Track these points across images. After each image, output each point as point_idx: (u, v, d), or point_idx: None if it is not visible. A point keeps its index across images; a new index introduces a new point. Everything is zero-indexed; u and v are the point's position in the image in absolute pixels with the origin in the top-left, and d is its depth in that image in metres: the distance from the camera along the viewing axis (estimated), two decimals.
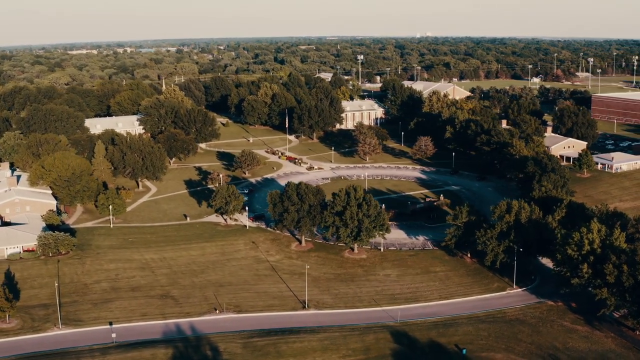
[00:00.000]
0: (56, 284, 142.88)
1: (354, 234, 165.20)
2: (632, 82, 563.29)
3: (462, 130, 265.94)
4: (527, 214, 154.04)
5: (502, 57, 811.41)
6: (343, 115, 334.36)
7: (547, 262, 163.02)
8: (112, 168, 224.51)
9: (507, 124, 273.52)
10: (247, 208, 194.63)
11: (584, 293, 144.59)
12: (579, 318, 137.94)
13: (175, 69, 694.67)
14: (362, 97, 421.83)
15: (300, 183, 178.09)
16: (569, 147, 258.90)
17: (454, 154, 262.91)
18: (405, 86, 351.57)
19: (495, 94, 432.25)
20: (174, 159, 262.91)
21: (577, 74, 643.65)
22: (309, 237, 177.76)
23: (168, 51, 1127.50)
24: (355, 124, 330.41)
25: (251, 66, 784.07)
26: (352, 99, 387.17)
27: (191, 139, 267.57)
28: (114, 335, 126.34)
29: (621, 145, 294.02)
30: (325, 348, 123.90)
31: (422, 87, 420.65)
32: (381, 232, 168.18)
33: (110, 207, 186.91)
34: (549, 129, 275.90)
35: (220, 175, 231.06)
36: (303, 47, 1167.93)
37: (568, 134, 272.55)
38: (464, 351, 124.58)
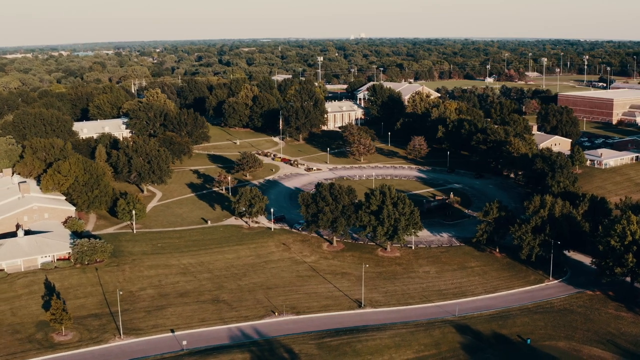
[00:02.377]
0: (120, 292, 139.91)
1: (390, 232, 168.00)
2: (583, 81, 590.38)
3: (454, 130, 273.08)
4: (560, 209, 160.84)
5: (451, 59, 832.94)
6: (327, 116, 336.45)
7: (572, 254, 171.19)
8: (113, 172, 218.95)
9: (491, 123, 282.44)
10: (272, 210, 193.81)
11: (618, 282, 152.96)
12: (620, 305, 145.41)
13: (127, 72, 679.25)
14: (330, 99, 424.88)
15: (333, 183, 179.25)
16: (555, 144, 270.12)
17: (448, 153, 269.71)
18: (385, 87, 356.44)
19: (461, 94, 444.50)
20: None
21: (526, 73, 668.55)
22: (344, 238, 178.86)
23: (107, 54, 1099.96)
24: (342, 125, 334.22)
25: (201, 69, 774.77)
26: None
27: (187, 141, 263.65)
28: (184, 342, 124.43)
29: (596, 142, 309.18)
30: (398, 345, 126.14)
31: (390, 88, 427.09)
32: (414, 230, 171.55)
33: (133, 212, 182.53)
34: (535, 127, 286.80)
35: (229, 178, 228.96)
36: (246, 50, 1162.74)
37: (552, 132, 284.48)
38: (529, 341, 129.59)
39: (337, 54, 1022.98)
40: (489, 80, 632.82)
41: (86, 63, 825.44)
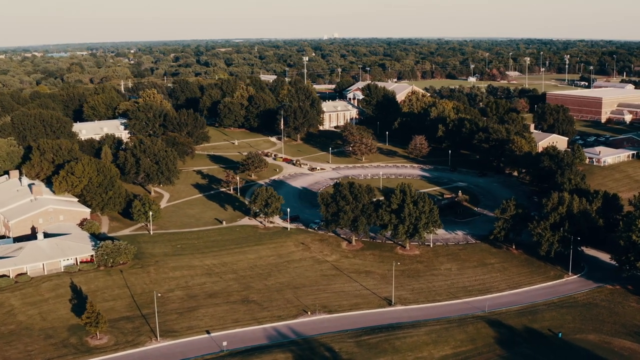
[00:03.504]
0: (158, 294, 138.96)
1: (411, 231, 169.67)
2: (564, 80, 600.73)
3: (454, 129, 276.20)
4: (577, 205, 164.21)
5: (430, 58, 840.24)
6: (323, 116, 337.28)
7: (586, 250, 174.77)
8: (119, 174, 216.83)
9: (492, 122, 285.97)
10: (288, 210, 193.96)
11: (636, 277, 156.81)
12: None
13: (108, 73, 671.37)
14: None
15: (353, 182, 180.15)
16: (553, 142, 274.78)
17: (450, 151, 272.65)
18: (380, 87, 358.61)
19: (450, 94, 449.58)
20: None
21: (507, 72, 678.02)
22: (364, 237, 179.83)
23: (83, 55, 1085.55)
24: (337, 125, 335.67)
25: (180, 69, 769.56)
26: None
27: (190, 141, 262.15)
28: (225, 343, 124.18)
29: (588, 140, 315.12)
30: (435, 341, 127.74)
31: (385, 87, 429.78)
32: (434, 228, 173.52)
33: (150, 213, 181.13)
34: (532, 126, 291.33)
35: (237, 178, 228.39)
36: (223, 50, 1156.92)
37: (549, 130, 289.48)
38: (560, 334, 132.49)
39: (314, 54, 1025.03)
40: (472, 79, 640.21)
41: (63, 64, 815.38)
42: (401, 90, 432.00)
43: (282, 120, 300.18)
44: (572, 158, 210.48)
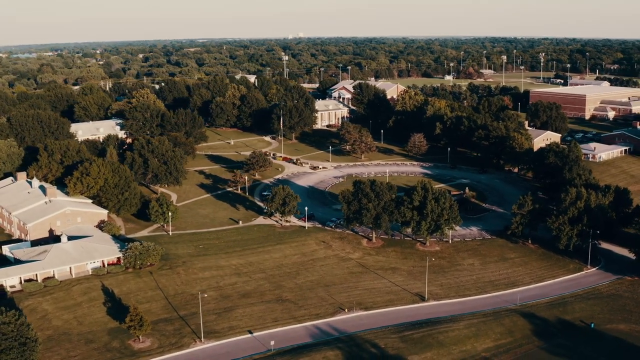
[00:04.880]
0: (204, 295, 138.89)
1: (432, 227, 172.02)
2: (540, 78, 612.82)
3: (452, 127, 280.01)
4: (595, 200, 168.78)
5: (401, 57, 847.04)
6: (316, 115, 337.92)
7: (600, 244, 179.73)
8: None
9: (490, 120, 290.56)
10: (306, 209, 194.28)
11: None
12: None
13: (82, 73, 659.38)
14: None
15: (374, 180, 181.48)
16: (547, 139, 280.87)
17: (449, 149, 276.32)
18: (371, 86, 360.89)
19: (433, 92, 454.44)
20: None
21: (482, 71, 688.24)
22: (385, 234, 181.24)
23: (50, 56, 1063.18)
24: (330, 123, 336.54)
25: (153, 70, 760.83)
26: None
27: (191, 142, 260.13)
28: (272, 342, 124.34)
29: (577, 136, 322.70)
30: (476, 334, 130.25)
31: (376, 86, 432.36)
32: (454, 224, 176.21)
33: (170, 214, 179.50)
34: (526, 123, 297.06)
35: (245, 177, 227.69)
36: (192, 50, 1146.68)
37: (543, 127, 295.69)
38: (592, 325, 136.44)
39: (284, 54, 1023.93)
40: (449, 78, 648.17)
41: (33, 65, 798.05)
42: (387, 88, 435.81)
43: (281, 119, 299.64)
44: (576, 154, 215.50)
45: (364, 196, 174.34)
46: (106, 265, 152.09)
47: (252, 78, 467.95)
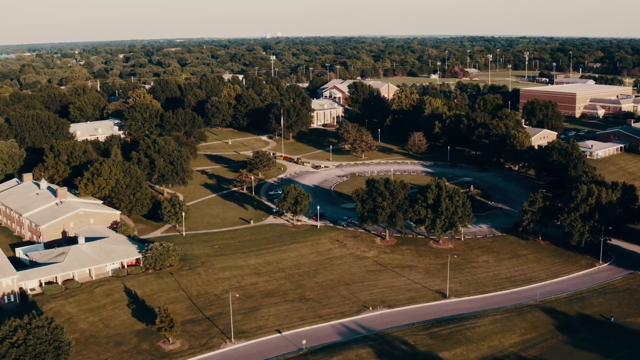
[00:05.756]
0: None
1: (446, 225, 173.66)
2: (524, 77, 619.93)
3: (451, 125, 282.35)
4: (605, 197, 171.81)
5: (385, 56, 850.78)
6: (313, 114, 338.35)
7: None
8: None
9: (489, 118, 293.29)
10: (318, 208, 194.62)
11: None
12: None
13: (66, 74, 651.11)
14: None
15: (388, 179, 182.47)
16: (544, 137, 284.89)
17: (449, 147, 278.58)
18: (366, 85, 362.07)
19: (423, 91, 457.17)
20: None
21: (466, 70, 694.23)
22: (399, 232, 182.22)
23: (29, 56, 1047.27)
24: (326, 123, 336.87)
25: (136, 70, 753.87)
26: None
27: (193, 141, 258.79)
28: (304, 342, 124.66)
29: (569, 134, 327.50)
30: (502, 330, 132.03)
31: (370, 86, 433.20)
32: (467, 222, 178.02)
33: (183, 214, 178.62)
34: (523, 121, 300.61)
35: (252, 177, 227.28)
36: (173, 50, 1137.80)
37: (539, 125, 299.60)
38: (612, 319, 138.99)
39: (265, 53, 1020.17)
40: (434, 77, 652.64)
41: (14, 65, 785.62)
42: (378, 87, 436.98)
43: (282, 118, 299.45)
44: (580, 152, 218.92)
45: (378, 195, 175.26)
46: (126, 267, 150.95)
47: (239, 78, 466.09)
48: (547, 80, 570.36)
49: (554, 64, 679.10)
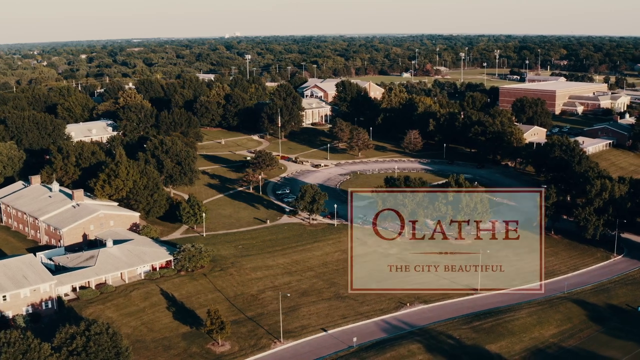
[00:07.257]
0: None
1: (467, 221, 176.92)
2: (495, 74, 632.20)
3: (445, 123, 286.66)
4: (620, 191, 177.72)
5: (352, 55, 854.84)
6: (303, 113, 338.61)
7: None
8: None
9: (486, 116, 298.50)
10: (335, 206, 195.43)
11: None
12: None
13: (35, 74, 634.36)
14: None
15: (408, 176, 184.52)
16: (535, 134, 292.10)
17: (445, 145, 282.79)
18: (353, 83, 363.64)
19: (404, 89, 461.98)
20: None
21: (437, 68, 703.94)
22: (419, 229, 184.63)
23: None
24: (314, 121, 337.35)
25: (104, 70, 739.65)
26: None
27: (193, 142, 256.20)
28: (355, 339, 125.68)
29: (553, 131, 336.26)
30: (540, 322, 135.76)
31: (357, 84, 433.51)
32: (486, 217, 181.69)
33: (203, 215, 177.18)
34: (513, 118, 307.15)
35: (260, 177, 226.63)
36: (136, 50, 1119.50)
37: (528, 122, 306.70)
38: (639, 308, 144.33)
39: (228, 52, 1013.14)
40: (406, 75, 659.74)
41: None
42: (365, 86, 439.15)
43: (278, 117, 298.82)
44: (581, 149, 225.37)
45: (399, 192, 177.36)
46: (157, 269, 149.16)
47: (208, 77, 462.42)
48: (518, 78, 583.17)
49: (525, 62, 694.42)
